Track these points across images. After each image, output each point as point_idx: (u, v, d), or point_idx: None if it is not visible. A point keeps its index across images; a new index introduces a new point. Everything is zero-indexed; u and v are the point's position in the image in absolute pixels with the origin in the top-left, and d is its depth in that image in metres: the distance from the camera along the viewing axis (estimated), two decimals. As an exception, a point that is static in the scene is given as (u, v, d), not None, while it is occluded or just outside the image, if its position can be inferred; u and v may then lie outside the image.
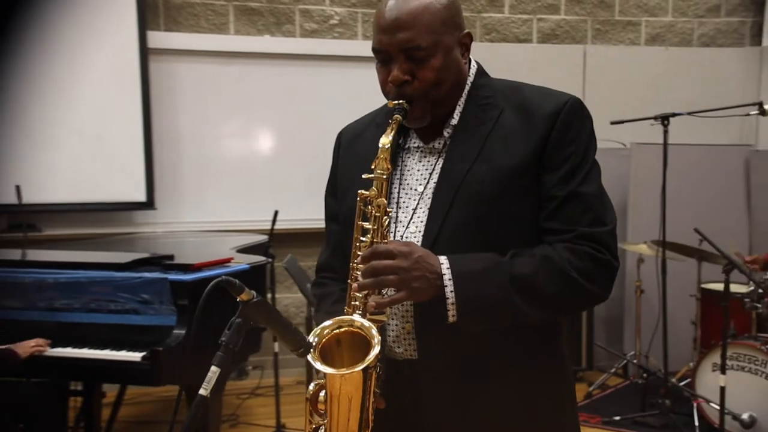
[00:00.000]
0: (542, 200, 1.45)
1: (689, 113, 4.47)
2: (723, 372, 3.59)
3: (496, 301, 1.38)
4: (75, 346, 3.04)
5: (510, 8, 5.97)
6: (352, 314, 1.41)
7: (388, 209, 1.42)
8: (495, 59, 5.62)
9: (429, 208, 1.48)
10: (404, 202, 1.53)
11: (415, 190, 1.53)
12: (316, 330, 1.41)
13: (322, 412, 1.38)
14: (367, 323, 1.37)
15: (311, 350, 1.36)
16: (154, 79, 5.34)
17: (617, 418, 4.43)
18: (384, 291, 1.39)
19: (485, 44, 5.88)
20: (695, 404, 4.25)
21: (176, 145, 5.48)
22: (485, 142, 1.46)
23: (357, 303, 1.41)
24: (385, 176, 1.41)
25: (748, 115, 4.35)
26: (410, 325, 1.48)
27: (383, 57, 1.48)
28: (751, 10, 6.32)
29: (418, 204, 1.50)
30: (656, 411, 4.37)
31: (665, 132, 4.39)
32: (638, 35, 6.17)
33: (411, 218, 1.50)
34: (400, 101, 1.45)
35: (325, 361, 1.35)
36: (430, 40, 1.43)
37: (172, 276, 2.98)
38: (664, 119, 4.37)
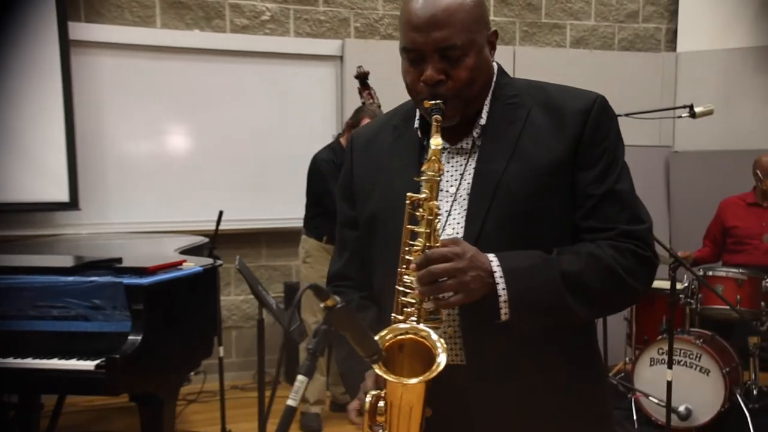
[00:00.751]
0: (578, 198, 1.44)
1: (626, 114, 4.57)
2: (670, 366, 3.69)
3: (547, 297, 1.36)
4: (17, 357, 2.84)
5: (441, 8, 5.98)
6: (405, 321, 1.35)
7: (438, 212, 1.37)
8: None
9: (467, 210, 1.44)
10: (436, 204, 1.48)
11: (447, 191, 1.48)
12: (394, 331, 1.35)
13: (378, 424, 1.32)
14: (434, 334, 1.31)
15: (380, 357, 1.29)
16: (76, 73, 5.08)
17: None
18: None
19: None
20: (633, 398, 4.36)
21: (100, 143, 5.24)
22: (517, 142, 1.44)
23: (410, 309, 1.35)
24: (437, 178, 1.36)
25: (680, 117, 4.49)
26: (452, 329, 1.43)
27: (415, 56, 1.42)
28: (666, 18, 6.57)
29: (452, 205, 1.46)
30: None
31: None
32: (564, 38, 6.31)
33: (446, 220, 1.45)
34: (437, 101, 1.40)
35: (385, 368, 1.29)
36: (465, 38, 1.39)
37: (127, 280, 2.83)
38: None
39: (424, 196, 1.36)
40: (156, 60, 5.34)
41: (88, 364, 2.76)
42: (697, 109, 4.38)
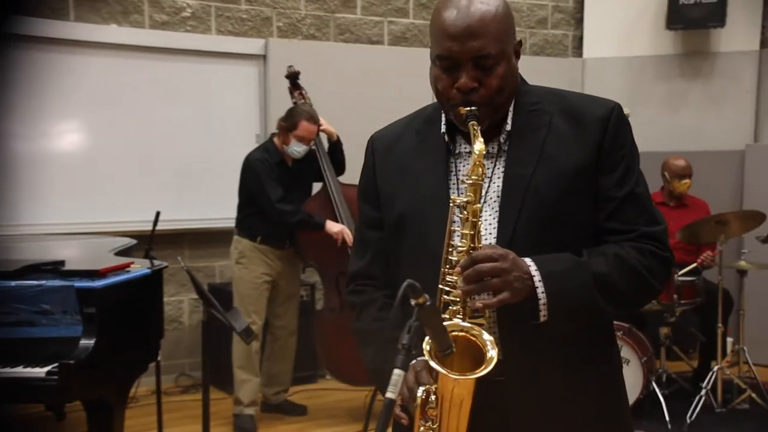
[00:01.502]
0: (600, 201, 1.52)
1: None
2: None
3: (581, 299, 1.43)
4: (-45, 365, 2.71)
5: (362, 10, 6.04)
6: (450, 318, 1.39)
7: (480, 215, 1.42)
8: (350, 60, 5.77)
9: (498, 212, 1.50)
10: None
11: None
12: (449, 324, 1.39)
13: (429, 417, 1.35)
14: (486, 334, 1.36)
15: (431, 353, 1.32)
16: (-16, 67, 4.83)
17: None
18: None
19: (339, 44, 5.91)
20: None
21: (8, 141, 5.00)
22: (543, 147, 1.51)
23: (455, 308, 1.40)
24: (480, 182, 1.42)
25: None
26: (488, 326, 1.48)
27: (449, 64, 1.47)
28: (572, 25, 6.86)
29: (482, 208, 1.50)
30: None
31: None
32: (479, 42, 6.48)
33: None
34: (472, 108, 1.45)
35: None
36: (498, 48, 1.45)
37: (80, 283, 2.74)
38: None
39: (468, 199, 1.41)
40: (69, 55, 5.15)
41: (38, 371, 2.66)
42: (626, 111, 4.59)
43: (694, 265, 4.68)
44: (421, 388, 1.37)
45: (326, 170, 4.54)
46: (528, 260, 1.42)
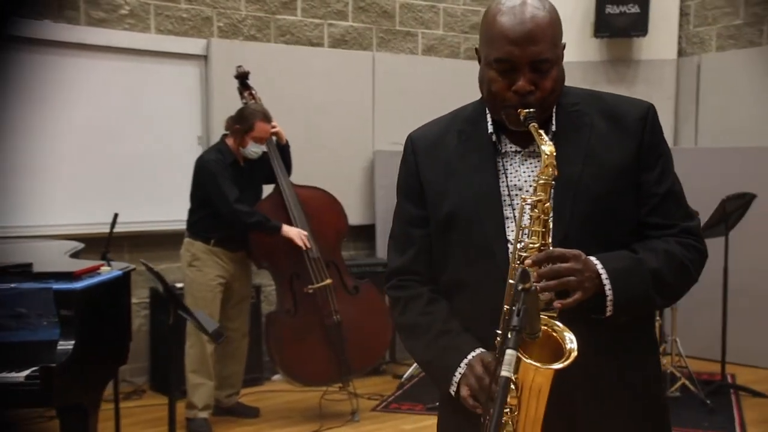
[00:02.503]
0: (642, 196, 1.60)
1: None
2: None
3: (641, 294, 1.52)
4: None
5: (302, 12, 6.05)
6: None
7: (551, 213, 1.48)
8: (291, 61, 5.78)
9: (552, 210, 1.55)
10: (517, 202, 1.59)
11: (526, 191, 1.58)
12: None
13: (509, 405, 1.40)
14: (567, 332, 1.41)
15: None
16: None
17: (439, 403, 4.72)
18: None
19: (280, 46, 5.90)
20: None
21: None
22: (588, 146, 1.58)
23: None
24: (552, 182, 1.47)
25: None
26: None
27: (507, 67, 1.52)
28: (504, 30, 7.05)
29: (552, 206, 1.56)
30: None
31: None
32: (416, 45, 6.60)
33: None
34: (531, 110, 1.50)
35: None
36: (553, 52, 1.52)
37: (58, 285, 2.67)
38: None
39: (539, 197, 1.47)
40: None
41: (16, 376, 2.58)
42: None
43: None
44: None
45: (279, 171, 4.53)
46: (593, 259, 1.48)
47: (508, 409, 1.41)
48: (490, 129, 1.64)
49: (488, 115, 1.64)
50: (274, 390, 5.19)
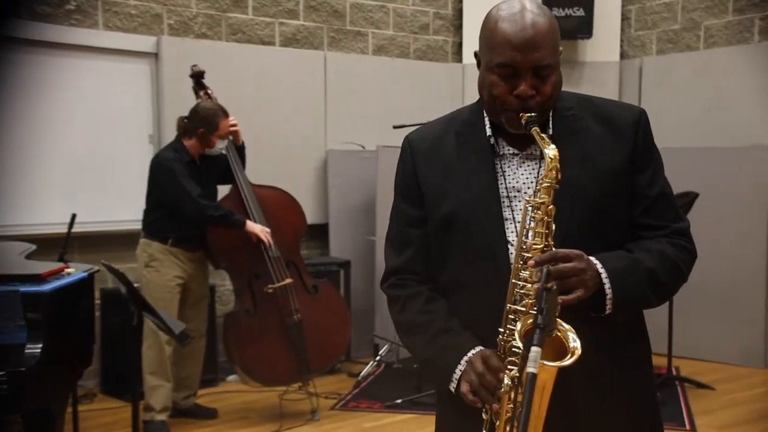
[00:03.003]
0: (635, 198, 1.66)
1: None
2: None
3: (638, 293, 1.57)
4: None
5: (254, 10, 6.01)
6: (527, 311, 1.47)
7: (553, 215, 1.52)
8: (243, 60, 5.74)
9: None
10: (516, 204, 1.63)
11: (525, 192, 1.63)
12: (527, 319, 1.45)
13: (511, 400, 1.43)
14: (571, 331, 1.44)
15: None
16: None
17: (399, 401, 4.77)
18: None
19: (232, 44, 5.86)
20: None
21: None
22: (584, 149, 1.63)
23: (529, 301, 1.48)
24: (555, 185, 1.51)
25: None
26: None
27: (510, 72, 1.55)
28: (452, 32, 7.15)
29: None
30: (432, 391, 4.80)
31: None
32: (366, 45, 6.63)
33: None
34: (533, 114, 1.54)
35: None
36: (553, 58, 1.56)
37: (26, 288, 2.61)
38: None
39: (543, 200, 1.51)
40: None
41: (-18, 382, 2.51)
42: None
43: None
44: (508, 376, 1.45)
45: (237, 170, 4.51)
46: (593, 259, 1.53)
47: (511, 405, 1.44)
48: (489, 132, 1.67)
49: (486, 118, 1.68)
50: (230, 391, 5.15)
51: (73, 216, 3.80)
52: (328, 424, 4.48)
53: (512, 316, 1.51)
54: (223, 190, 4.66)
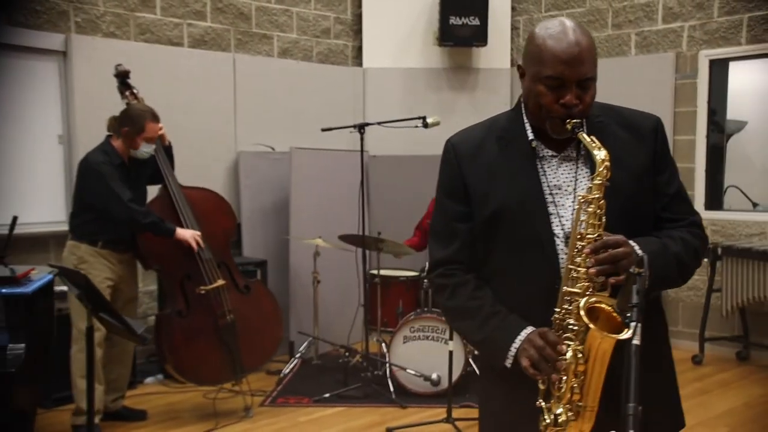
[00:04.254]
0: (657, 196, 1.90)
1: (379, 123, 5.20)
2: (451, 338, 4.33)
3: (669, 273, 1.81)
4: None
5: (162, 10, 5.98)
6: (582, 293, 1.68)
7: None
8: (151, 61, 5.71)
9: None
10: (559, 200, 1.84)
11: (565, 190, 1.84)
12: (589, 298, 1.66)
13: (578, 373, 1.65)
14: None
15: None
16: None
17: (327, 395, 4.92)
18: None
19: (140, 44, 5.80)
20: (389, 372, 4.97)
21: None
22: (614, 153, 1.80)
23: (585, 284, 1.69)
24: (606, 183, 1.72)
25: (416, 127, 5.22)
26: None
27: (557, 84, 1.75)
28: (351, 36, 7.35)
29: (573, 203, 1.82)
30: (359, 384, 4.99)
31: (362, 139, 5.04)
32: (272, 48, 6.71)
33: (573, 213, 1.81)
34: (578, 121, 1.76)
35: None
36: (594, 71, 1.79)
37: (8, 290, 2.60)
38: (361, 128, 5.01)
39: (596, 195, 1.72)
40: None
41: (-31, 386, 2.48)
42: (429, 120, 5.16)
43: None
44: (572, 348, 1.66)
45: (166, 172, 4.51)
46: (632, 242, 1.75)
47: (576, 376, 1.66)
48: (531, 136, 1.88)
49: (527, 124, 1.89)
50: (150, 393, 5.12)
51: (14, 218, 3.70)
52: (262, 420, 4.57)
53: (567, 298, 1.72)
54: (151, 190, 4.64)
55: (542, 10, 7.31)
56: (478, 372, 4.96)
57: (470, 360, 5.07)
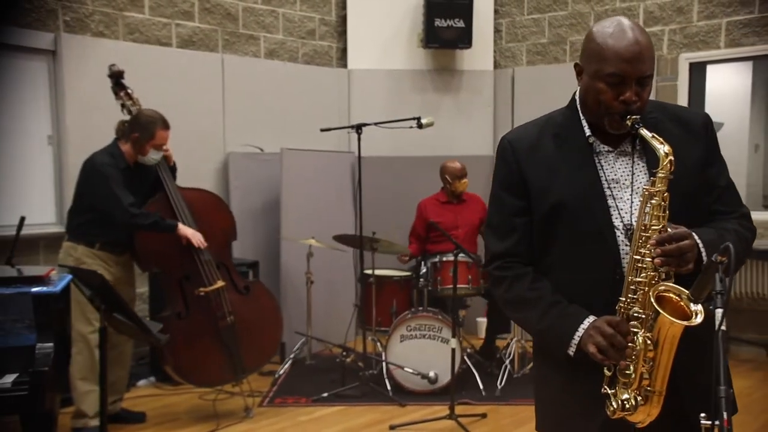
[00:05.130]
0: (710, 188, 1.97)
1: (375, 124, 5.23)
2: (454, 336, 4.37)
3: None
4: None
5: (150, 10, 5.94)
6: (649, 282, 1.74)
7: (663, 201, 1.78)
8: (140, 60, 5.70)
9: None
10: (617, 193, 1.90)
11: (623, 184, 1.90)
12: (657, 285, 1.71)
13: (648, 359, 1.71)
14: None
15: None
16: None
17: (325, 395, 4.93)
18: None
19: (128, 44, 5.76)
20: (386, 371, 5.01)
21: None
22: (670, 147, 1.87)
23: (653, 273, 1.75)
24: (670, 176, 1.77)
25: (411, 127, 5.26)
26: None
27: (618, 81, 1.81)
28: (336, 37, 7.38)
29: (631, 195, 1.88)
30: (356, 383, 5.01)
31: (359, 139, 5.07)
32: (259, 49, 6.71)
33: (631, 206, 1.88)
34: (637, 117, 1.82)
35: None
36: (652, 70, 1.85)
37: (38, 289, 2.58)
38: (358, 129, 5.04)
39: (660, 188, 1.77)
40: None
41: (2, 383, 2.46)
42: (423, 121, 5.21)
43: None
44: (641, 334, 1.72)
45: (164, 175, 4.49)
46: (692, 232, 1.81)
47: (646, 362, 1.72)
48: (588, 132, 1.94)
49: (583, 121, 1.94)
50: (144, 395, 5.09)
51: (22, 219, 3.66)
52: (263, 420, 4.56)
53: (632, 287, 1.77)
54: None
55: (525, 12, 7.41)
56: (471, 367, 5.04)
57: (465, 358, 5.13)
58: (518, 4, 7.44)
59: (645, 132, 1.81)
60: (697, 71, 6.59)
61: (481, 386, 5.04)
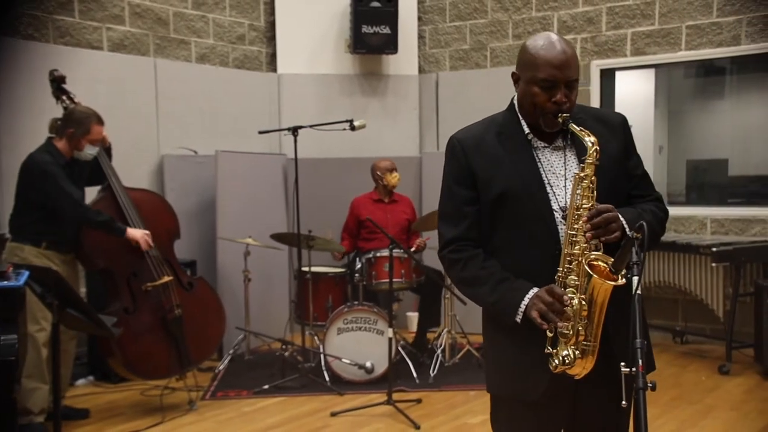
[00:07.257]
0: (629, 177, 2.29)
1: (310, 126, 5.44)
2: (391, 326, 4.62)
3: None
4: None
5: (80, 14, 6.00)
6: (581, 253, 2.03)
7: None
8: (72, 64, 5.74)
9: None
10: (553, 181, 2.19)
11: (558, 173, 2.20)
12: (589, 255, 2.00)
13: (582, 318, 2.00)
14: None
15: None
16: None
17: (266, 387, 5.11)
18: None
19: (60, 47, 5.80)
20: (324, 363, 5.22)
21: None
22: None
23: (585, 245, 2.04)
24: (597, 162, 2.07)
25: (344, 129, 5.50)
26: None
27: (549, 85, 2.11)
28: (265, 42, 7.55)
29: (566, 183, 2.17)
30: (295, 375, 5.20)
31: (295, 141, 5.27)
32: (190, 53, 6.83)
33: (565, 193, 2.17)
34: (567, 115, 2.12)
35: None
36: (578, 75, 2.16)
37: (2, 284, 2.70)
38: (294, 131, 5.24)
39: (587, 173, 2.07)
40: None
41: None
42: (356, 123, 5.45)
43: (415, 247, 5.75)
44: (576, 297, 2.00)
45: (110, 174, 4.60)
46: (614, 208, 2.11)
47: (581, 320, 2.01)
48: (527, 130, 2.23)
49: (522, 121, 2.23)
50: (85, 394, 5.15)
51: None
52: (208, 412, 4.71)
53: (568, 259, 2.07)
54: (89, 191, 4.70)
55: (447, 20, 7.74)
56: (406, 357, 5.30)
57: (400, 348, 5.39)
58: (441, 12, 7.77)
59: (574, 126, 2.12)
60: (607, 77, 7.06)
61: (414, 375, 5.31)
